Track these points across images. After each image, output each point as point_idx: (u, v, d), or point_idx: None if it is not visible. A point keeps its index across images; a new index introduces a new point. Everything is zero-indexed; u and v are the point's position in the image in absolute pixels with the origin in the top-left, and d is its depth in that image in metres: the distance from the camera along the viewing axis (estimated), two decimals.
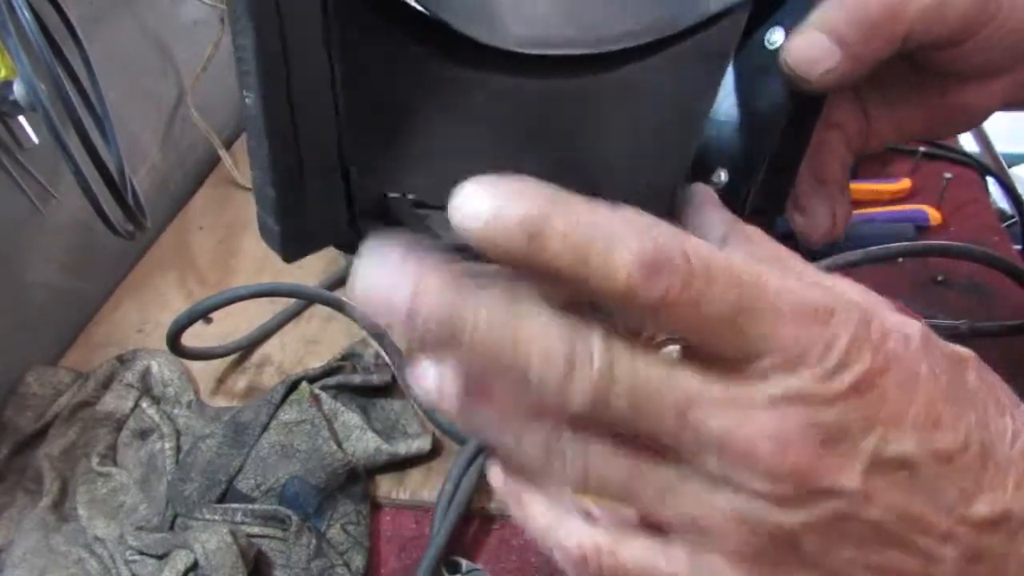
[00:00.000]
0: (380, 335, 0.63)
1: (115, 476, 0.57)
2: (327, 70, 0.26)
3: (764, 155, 0.33)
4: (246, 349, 0.69)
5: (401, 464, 0.58)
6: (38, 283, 0.69)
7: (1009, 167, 1.93)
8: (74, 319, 0.73)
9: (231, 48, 0.27)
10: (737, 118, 0.35)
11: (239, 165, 0.92)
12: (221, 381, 0.67)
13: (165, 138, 0.87)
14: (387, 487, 0.57)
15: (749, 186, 0.34)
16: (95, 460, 0.58)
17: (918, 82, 0.35)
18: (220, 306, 0.62)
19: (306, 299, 0.71)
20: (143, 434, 0.61)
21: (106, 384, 0.63)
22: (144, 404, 0.62)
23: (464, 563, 0.52)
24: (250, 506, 0.53)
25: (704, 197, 0.32)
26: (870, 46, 0.31)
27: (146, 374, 0.64)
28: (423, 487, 0.57)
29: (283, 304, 0.72)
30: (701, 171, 0.36)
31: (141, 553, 0.52)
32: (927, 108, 0.36)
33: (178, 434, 0.60)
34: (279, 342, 0.70)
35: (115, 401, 0.62)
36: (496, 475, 0.26)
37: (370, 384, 0.61)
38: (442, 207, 0.23)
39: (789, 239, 0.32)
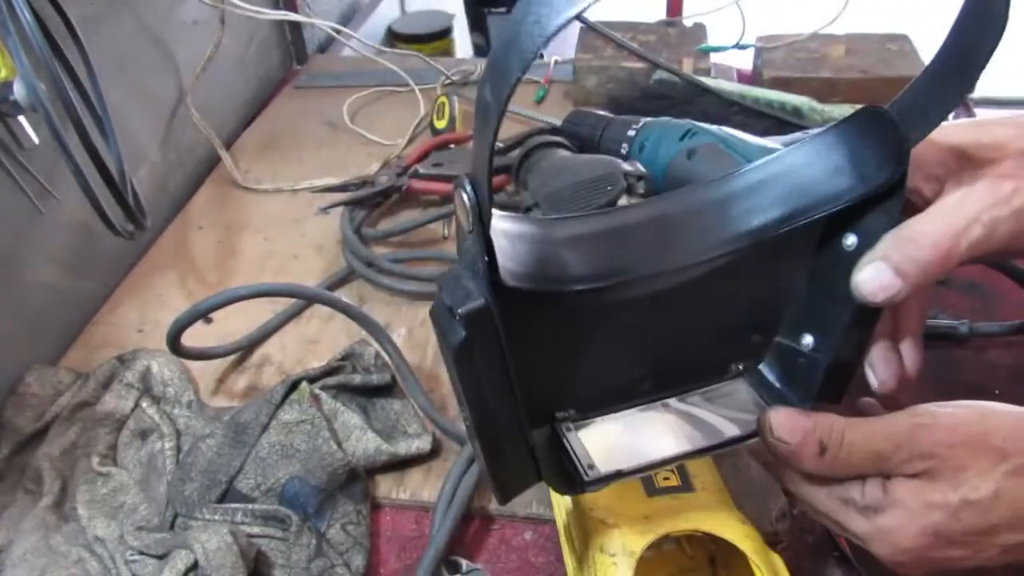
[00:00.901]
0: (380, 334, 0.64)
1: (115, 476, 0.57)
2: (505, 377, 0.37)
3: (843, 328, 0.39)
4: (246, 349, 0.69)
5: (401, 464, 0.58)
6: (38, 283, 0.69)
7: None
8: (74, 319, 0.73)
9: (231, 48, 0.31)
10: (818, 293, 0.41)
11: (239, 165, 0.93)
12: (221, 381, 0.67)
13: (165, 138, 0.87)
14: (387, 487, 0.57)
15: (831, 349, 0.41)
16: (95, 460, 0.58)
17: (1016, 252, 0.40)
18: (220, 306, 0.62)
19: (306, 299, 0.71)
20: (143, 434, 0.61)
21: (106, 384, 0.63)
22: (144, 404, 0.62)
23: (464, 563, 0.52)
24: (250, 506, 0.53)
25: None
26: (928, 277, 0.36)
27: (146, 374, 0.64)
28: (423, 487, 0.57)
29: (283, 304, 0.72)
30: (791, 333, 0.43)
31: (141, 553, 0.52)
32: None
33: (178, 434, 0.60)
34: (279, 342, 0.70)
35: (115, 401, 0.62)
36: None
37: (370, 384, 0.61)
38: (584, 415, 0.42)
39: None
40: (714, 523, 0.42)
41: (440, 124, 0.92)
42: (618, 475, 0.41)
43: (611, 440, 0.42)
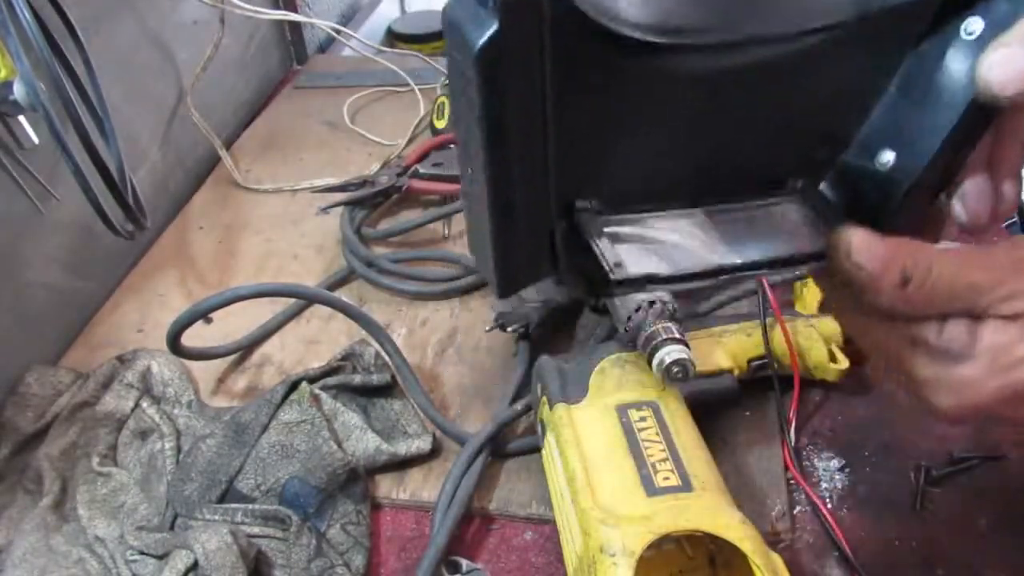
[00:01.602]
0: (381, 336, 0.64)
1: (115, 476, 0.57)
2: (540, 123, 0.29)
3: (938, 142, 0.33)
4: (246, 349, 0.69)
5: (401, 464, 0.58)
6: (38, 283, 0.69)
7: None
8: (74, 319, 0.73)
9: (231, 49, 0.29)
10: (909, 99, 0.35)
11: (239, 165, 0.93)
12: (221, 381, 0.67)
13: (165, 138, 0.87)
14: (387, 487, 0.57)
15: (916, 169, 0.34)
16: (95, 460, 0.58)
17: None
18: (220, 306, 0.62)
19: (306, 299, 0.71)
20: (143, 434, 0.61)
21: (106, 384, 0.63)
22: (144, 404, 0.62)
23: (464, 563, 0.52)
24: (250, 506, 0.53)
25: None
26: None
27: (146, 374, 0.64)
28: (423, 487, 0.57)
29: (283, 304, 0.72)
30: (864, 150, 0.36)
31: (141, 553, 0.52)
32: None
33: (178, 434, 0.60)
34: (279, 342, 0.70)
35: (115, 401, 0.62)
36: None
37: (370, 384, 0.61)
38: (611, 210, 0.34)
39: None
40: (714, 523, 0.42)
41: (440, 124, 0.92)
42: (651, 279, 0.34)
43: (641, 243, 0.35)
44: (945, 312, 0.32)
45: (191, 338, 0.63)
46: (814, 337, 0.58)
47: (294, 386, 0.60)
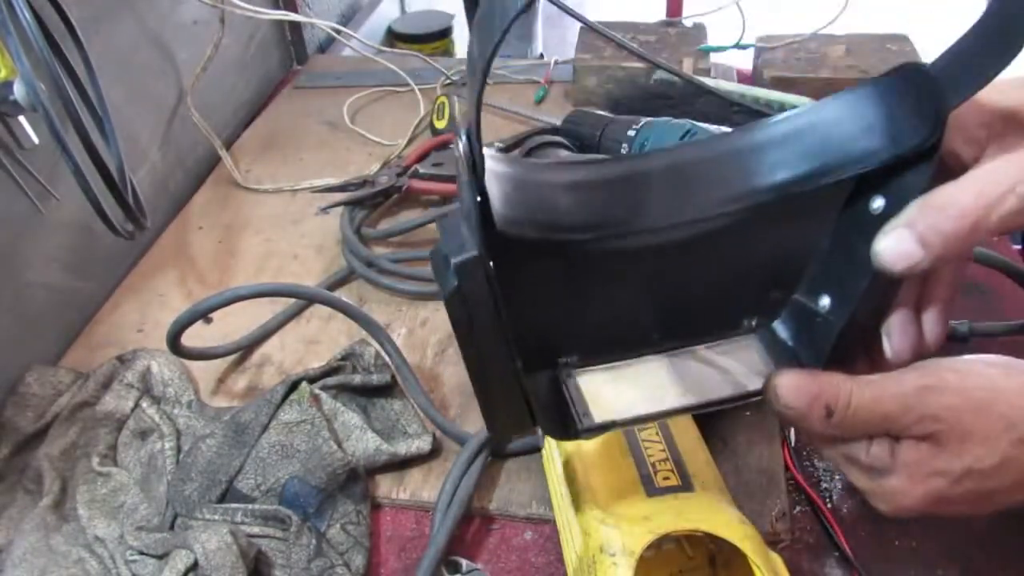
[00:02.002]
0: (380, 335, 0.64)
1: (115, 476, 0.57)
2: (499, 327, 0.36)
3: (860, 294, 0.38)
4: (246, 349, 0.69)
5: (401, 464, 0.58)
6: (38, 283, 0.69)
7: None
8: (74, 319, 0.73)
9: (231, 49, 0.32)
10: (838, 254, 0.40)
11: (239, 165, 0.93)
12: (221, 381, 0.67)
13: (165, 138, 0.87)
14: (387, 487, 0.57)
15: (845, 314, 0.39)
16: (95, 460, 0.58)
17: None
18: (220, 306, 0.62)
19: (306, 299, 0.71)
20: (143, 434, 0.61)
21: (106, 384, 0.63)
22: (144, 404, 0.62)
23: (464, 563, 0.52)
24: (250, 506, 0.53)
25: None
26: (950, 251, 0.34)
27: (146, 374, 0.64)
28: (423, 487, 0.57)
29: (283, 304, 0.72)
30: (809, 292, 0.41)
31: (141, 553, 0.52)
32: None
33: (178, 434, 0.60)
34: (279, 342, 0.70)
35: (115, 401, 0.62)
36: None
37: (370, 384, 0.61)
38: (588, 361, 0.42)
39: None
40: (714, 523, 0.42)
41: (440, 124, 0.92)
42: (612, 425, 0.40)
43: (611, 389, 0.41)
44: (869, 434, 0.38)
45: (191, 338, 0.63)
46: None
47: (294, 386, 0.60)
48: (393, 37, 1.50)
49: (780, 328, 0.43)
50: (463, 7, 1.66)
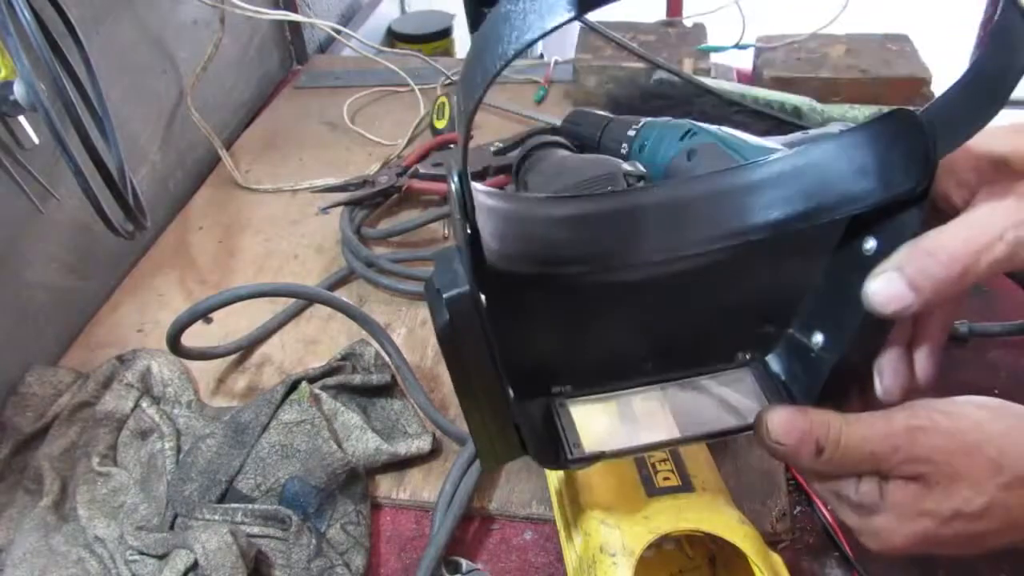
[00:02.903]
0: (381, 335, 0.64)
1: (115, 476, 0.57)
2: (490, 360, 0.37)
3: (853, 333, 0.38)
4: (246, 349, 0.69)
5: (401, 464, 0.58)
6: (38, 283, 0.69)
7: None
8: (74, 319, 0.73)
9: (231, 49, 0.34)
10: (832, 292, 0.40)
11: (239, 165, 0.93)
12: (221, 381, 0.67)
13: (165, 138, 0.87)
14: (387, 487, 0.57)
15: (838, 352, 0.40)
16: (95, 460, 0.58)
17: None
18: (220, 306, 0.62)
19: (306, 299, 0.71)
20: (143, 434, 0.61)
21: (106, 384, 0.63)
22: (144, 404, 0.62)
23: (464, 563, 0.52)
24: (250, 506, 0.53)
25: None
26: (940, 295, 0.34)
27: (146, 374, 0.64)
28: (423, 487, 0.57)
29: (283, 304, 0.72)
30: (803, 328, 0.42)
31: (141, 553, 0.52)
32: None
33: (178, 434, 0.60)
34: (279, 342, 0.70)
35: (115, 401, 0.62)
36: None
37: (370, 384, 0.61)
38: (581, 391, 0.42)
39: None
40: (714, 523, 0.42)
41: (440, 124, 0.92)
42: (600, 456, 0.41)
43: (602, 420, 0.42)
44: (858, 472, 0.38)
45: (191, 338, 0.63)
46: None
47: (294, 386, 0.60)
48: (393, 37, 1.50)
49: (773, 362, 0.43)
50: (463, 7, 1.66)
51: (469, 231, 0.33)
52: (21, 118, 0.62)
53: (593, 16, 0.91)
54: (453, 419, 0.61)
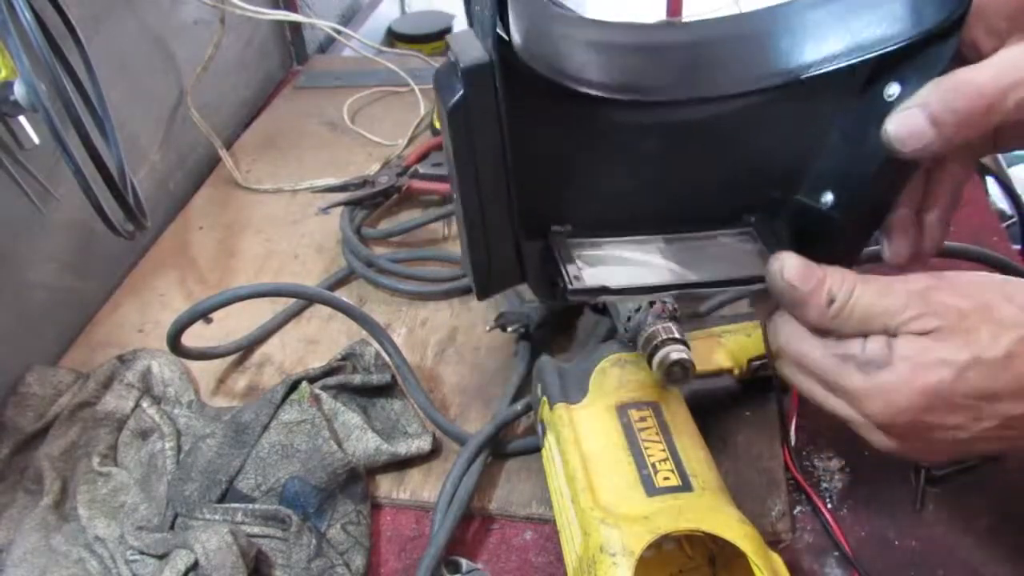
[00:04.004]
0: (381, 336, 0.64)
1: (115, 476, 0.57)
2: (502, 161, 0.35)
3: (867, 186, 0.38)
4: (246, 349, 0.69)
5: (401, 464, 0.58)
6: (38, 283, 0.69)
7: (1008, 167, 1.93)
8: (74, 319, 0.73)
9: (231, 49, 0.35)
10: (846, 148, 0.39)
11: (239, 165, 0.93)
12: (221, 381, 0.67)
13: (165, 138, 0.87)
14: (387, 487, 0.57)
15: (850, 209, 0.39)
16: (95, 460, 0.58)
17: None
18: (220, 306, 0.62)
19: (306, 299, 0.71)
20: (144, 434, 0.61)
21: (106, 384, 0.63)
22: (144, 404, 0.62)
23: (464, 563, 0.52)
24: (250, 506, 0.53)
25: None
26: (962, 132, 0.34)
27: (147, 374, 0.64)
28: (423, 487, 0.57)
29: (283, 304, 0.72)
30: (812, 191, 0.41)
31: (141, 553, 0.52)
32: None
33: (179, 434, 0.60)
34: (279, 342, 0.70)
35: (115, 401, 0.62)
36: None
37: (370, 384, 0.61)
38: (583, 234, 0.41)
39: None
40: (714, 523, 0.42)
41: (440, 124, 0.92)
42: (603, 290, 0.40)
43: (604, 261, 0.41)
44: (866, 331, 0.36)
45: (192, 338, 0.63)
46: None
47: (294, 386, 0.60)
48: (393, 37, 1.50)
49: (780, 226, 0.43)
50: (463, 7, 1.66)
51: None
52: (21, 118, 0.62)
53: (593, 16, 0.90)
54: (453, 419, 0.61)
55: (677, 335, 0.46)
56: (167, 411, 0.62)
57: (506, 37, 0.33)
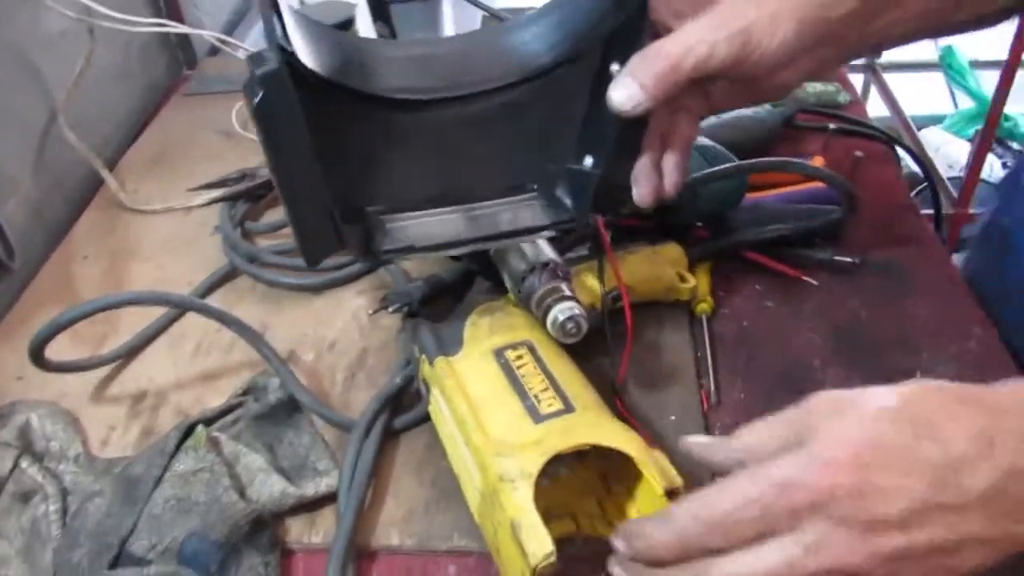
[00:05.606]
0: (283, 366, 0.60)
1: None
2: (309, 152, 0.44)
3: (611, 145, 0.49)
4: (124, 359, 0.65)
5: (312, 505, 0.54)
6: None
7: (919, 129, 1.98)
8: None
9: (106, 59, 0.42)
10: (595, 117, 0.50)
11: (125, 185, 0.86)
12: (112, 428, 0.61)
13: (37, 162, 0.80)
14: (298, 530, 0.53)
15: (601, 166, 0.50)
16: None
17: (738, 77, 0.47)
18: (83, 317, 0.58)
19: (176, 307, 0.68)
20: (25, 497, 0.55)
21: None
22: (24, 464, 0.56)
23: None
24: (145, 570, 0.49)
25: None
26: (662, 89, 0.44)
27: (25, 429, 0.59)
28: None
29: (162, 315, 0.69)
30: (577, 157, 0.52)
31: None
32: (750, 87, 0.48)
33: (64, 494, 0.55)
34: (175, 380, 0.65)
35: None
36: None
37: (268, 405, 0.57)
38: (394, 211, 0.52)
39: None
40: (599, 436, 0.46)
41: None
42: (411, 249, 0.50)
43: (412, 228, 0.51)
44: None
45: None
46: (660, 262, 0.64)
47: (189, 430, 0.55)
48: None
49: (559, 191, 0.53)
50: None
51: (272, 9, 0.42)
52: None
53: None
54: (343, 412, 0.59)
55: (568, 292, 0.52)
56: (51, 468, 0.57)
57: (289, 48, 0.42)
